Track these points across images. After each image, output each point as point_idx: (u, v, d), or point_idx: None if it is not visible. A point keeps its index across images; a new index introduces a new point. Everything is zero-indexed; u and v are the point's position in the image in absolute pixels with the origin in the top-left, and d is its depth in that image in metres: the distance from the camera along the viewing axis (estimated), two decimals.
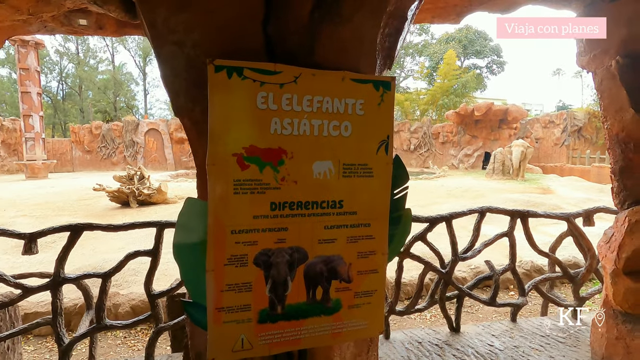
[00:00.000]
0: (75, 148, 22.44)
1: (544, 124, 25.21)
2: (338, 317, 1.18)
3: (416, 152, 25.51)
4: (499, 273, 2.90)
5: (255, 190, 1.04)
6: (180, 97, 1.09)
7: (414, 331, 2.92)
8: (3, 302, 2.34)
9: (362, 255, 1.18)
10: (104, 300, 2.41)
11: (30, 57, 17.06)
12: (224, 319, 1.05)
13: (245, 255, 1.05)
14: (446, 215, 2.78)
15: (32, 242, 2.30)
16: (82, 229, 2.37)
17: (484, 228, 2.97)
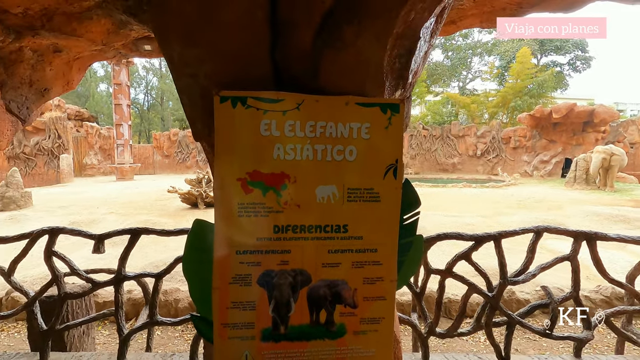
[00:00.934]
0: (156, 153, 25.06)
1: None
2: (343, 342, 1.16)
3: (483, 158, 23.81)
4: (558, 301, 2.59)
5: (258, 214, 1.08)
6: (197, 124, 1.18)
7: (456, 356, 2.73)
8: (77, 293, 2.70)
9: (368, 281, 1.16)
10: (156, 298, 2.66)
11: (122, 73, 19.54)
12: (229, 335, 1.11)
13: (250, 275, 1.10)
14: (494, 233, 2.57)
15: (100, 242, 2.63)
16: (140, 232, 2.64)
17: (552, 244, 2.68)
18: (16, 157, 19.13)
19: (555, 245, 5.57)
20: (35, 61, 2.44)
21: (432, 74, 30.88)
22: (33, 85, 2.53)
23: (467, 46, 31.79)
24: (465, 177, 21.83)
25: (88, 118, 24.14)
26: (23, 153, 19.25)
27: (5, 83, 2.33)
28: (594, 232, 2.56)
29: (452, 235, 2.55)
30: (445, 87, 32.72)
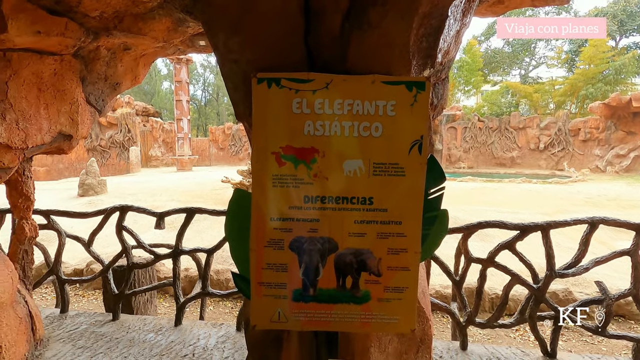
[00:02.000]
0: (212, 146, 26.62)
1: None
2: (367, 308, 1.24)
3: (547, 152, 21.94)
4: (614, 298, 2.41)
5: (290, 185, 1.19)
6: (240, 106, 1.32)
7: (497, 348, 2.67)
8: (142, 264, 3.06)
9: (392, 252, 1.22)
10: (208, 272, 2.93)
11: (183, 71, 20.95)
12: (264, 293, 1.25)
13: (282, 240, 1.22)
14: (542, 223, 2.46)
15: (161, 219, 2.95)
16: (194, 212, 2.92)
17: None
18: (94, 149, 21.46)
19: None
20: (109, 58, 2.79)
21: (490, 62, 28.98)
22: (107, 80, 2.89)
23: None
24: (525, 172, 20.31)
25: (153, 113, 26.26)
26: (99, 145, 21.52)
27: (85, 78, 2.69)
28: None
29: (494, 224, 2.49)
30: (504, 76, 30.55)
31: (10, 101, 2.22)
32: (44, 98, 2.43)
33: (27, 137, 2.32)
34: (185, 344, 2.69)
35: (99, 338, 2.75)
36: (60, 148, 2.73)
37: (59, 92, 2.52)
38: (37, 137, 2.40)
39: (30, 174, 2.78)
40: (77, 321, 3.02)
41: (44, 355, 2.50)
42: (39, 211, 3.02)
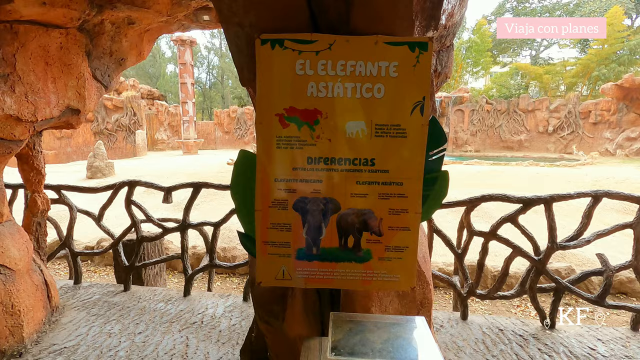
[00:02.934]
0: (217, 129, 26.61)
1: None
2: (368, 266, 1.29)
3: (555, 135, 21.59)
4: (614, 269, 2.44)
5: (294, 146, 1.22)
6: (244, 70, 1.34)
7: (497, 318, 2.73)
8: (151, 237, 3.14)
9: (393, 212, 1.25)
10: (214, 244, 3.01)
11: (187, 53, 20.77)
12: (269, 251, 1.29)
13: (286, 200, 1.26)
14: (545, 196, 2.48)
15: (169, 193, 3.00)
16: (201, 186, 2.97)
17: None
18: (100, 133, 21.59)
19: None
20: (114, 33, 2.79)
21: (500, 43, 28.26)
22: (112, 55, 2.91)
23: (544, 9, 28.32)
24: (532, 155, 20.07)
25: (158, 97, 26.23)
26: (106, 129, 21.64)
27: (90, 53, 2.71)
28: None
29: (497, 197, 2.51)
30: (514, 57, 29.83)
31: (19, 74, 2.25)
32: (51, 72, 2.46)
33: (37, 110, 2.36)
34: (194, 313, 2.79)
35: (111, 306, 2.86)
36: (69, 122, 2.77)
37: (65, 66, 2.54)
38: (46, 111, 2.44)
39: (41, 149, 2.84)
40: (90, 291, 3.13)
41: (60, 321, 2.61)
42: (50, 186, 3.09)
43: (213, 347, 2.35)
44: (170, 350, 2.31)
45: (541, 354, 2.27)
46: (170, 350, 2.31)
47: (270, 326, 1.44)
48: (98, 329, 2.55)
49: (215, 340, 2.43)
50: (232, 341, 2.41)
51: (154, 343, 2.39)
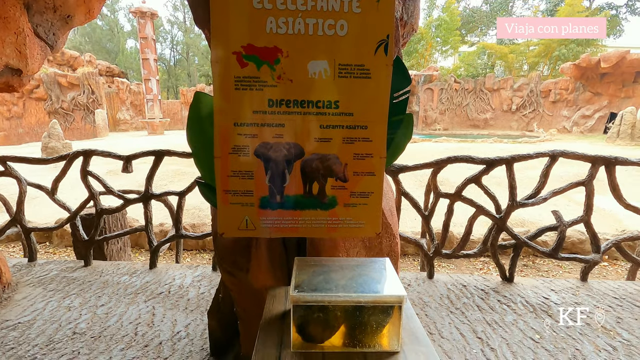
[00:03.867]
0: (184, 108, 25.56)
1: None
2: (334, 213, 1.27)
3: (518, 113, 22.51)
4: (567, 224, 2.59)
5: (253, 87, 1.15)
6: (199, 9, 1.24)
7: (461, 276, 2.85)
8: (112, 209, 2.99)
9: (358, 157, 1.23)
10: (180, 214, 2.90)
11: (148, 27, 19.52)
12: (230, 201, 1.24)
13: (247, 146, 1.20)
14: (506, 157, 2.56)
15: (128, 162, 2.84)
16: (163, 154, 2.83)
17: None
18: (55, 112, 20.14)
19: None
20: None
21: (468, 22, 28.64)
22: (57, 11, 2.64)
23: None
24: (497, 133, 20.86)
25: (118, 74, 24.69)
26: (61, 108, 20.21)
27: (30, 6, 2.44)
28: (614, 157, 2.48)
29: (462, 158, 2.56)
30: (481, 37, 30.41)
31: None
32: None
33: None
34: (160, 284, 2.71)
35: (70, 282, 2.73)
36: (10, 84, 2.52)
37: (1, 19, 2.28)
38: None
39: None
40: (46, 268, 2.96)
41: (13, 298, 2.46)
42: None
43: (181, 315, 2.29)
44: (135, 320, 2.23)
45: (500, 305, 2.40)
46: (135, 320, 2.24)
47: (235, 278, 1.40)
48: (56, 303, 2.42)
49: (183, 308, 2.38)
50: (200, 308, 2.37)
51: (118, 314, 2.30)
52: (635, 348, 1.96)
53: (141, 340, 2.04)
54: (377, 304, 0.95)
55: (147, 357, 1.89)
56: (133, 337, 2.07)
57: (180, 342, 2.02)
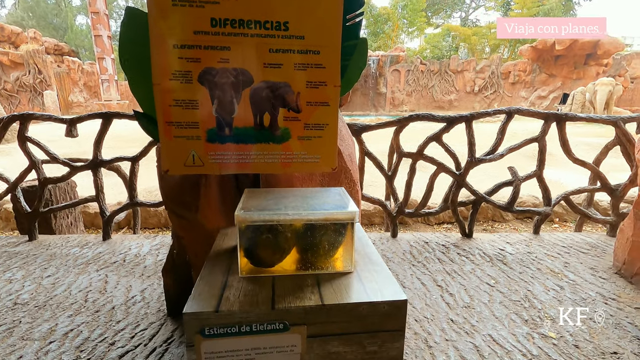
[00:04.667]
0: None
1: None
2: (287, 147, 1.21)
3: (480, 95, 23.27)
4: (522, 179, 2.70)
5: (194, 3, 1.05)
6: None
7: (423, 234, 2.91)
8: (57, 178, 2.76)
9: (311, 85, 1.17)
10: (134, 181, 2.73)
11: (99, 1, 18.08)
12: (174, 134, 1.14)
13: (190, 72, 1.10)
14: (466, 114, 2.59)
15: (72, 126, 2.62)
16: (112, 116, 2.63)
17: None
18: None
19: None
20: None
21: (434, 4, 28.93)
22: None
23: None
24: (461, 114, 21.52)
25: (68, 52, 22.89)
26: (4, 89, 18.53)
27: None
28: (564, 113, 2.58)
29: (424, 116, 2.57)
30: (446, 19, 30.90)
31: None
32: None
33: None
34: (115, 254, 2.56)
35: (12, 256, 2.51)
36: None
37: None
38: None
39: None
40: None
41: None
42: None
43: (136, 281, 2.18)
44: (86, 288, 2.09)
45: (460, 257, 2.48)
46: (85, 288, 2.10)
47: (185, 220, 1.32)
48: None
49: (139, 275, 2.26)
50: (158, 274, 2.26)
51: (66, 284, 2.15)
52: (580, 287, 2.09)
53: (92, 306, 1.91)
54: (328, 222, 0.91)
55: (97, 322, 1.77)
56: (83, 304, 1.94)
57: (135, 305, 1.92)
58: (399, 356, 0.84)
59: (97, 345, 1.61)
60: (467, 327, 1.73)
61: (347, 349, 0.82)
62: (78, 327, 1.73)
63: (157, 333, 1.69)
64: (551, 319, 1.79)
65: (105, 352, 1.56)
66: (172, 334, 1.68)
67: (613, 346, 1.60)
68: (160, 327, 1.73)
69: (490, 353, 1.56)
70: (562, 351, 1.57)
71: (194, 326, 0.76)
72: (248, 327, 0.77)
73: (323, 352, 0.81)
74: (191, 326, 0.75)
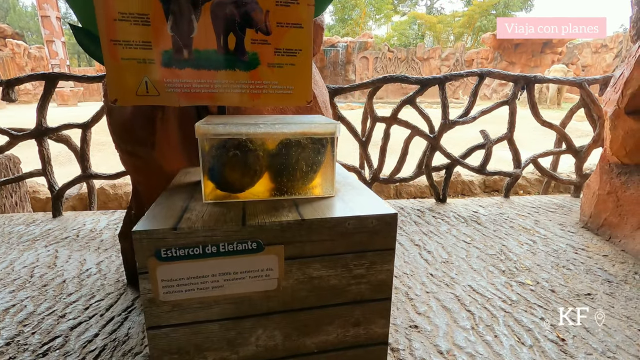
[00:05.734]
0: None
1: (594, 48, 22.51)
2: (256, 75, 1.08)
3: None
4: (493, 141, 2.71)
5: None
6: None
7: (399, 201, 2.87)
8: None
9: (281, 3, 1.04)
10: (86, 150, 2.48)
11: None
12: (122, 55, 0.98)
13: None
14: (439, 76, 2.55)
15: (10, 88, 2.32)
16: (57, 77, 2.36)
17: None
18: None
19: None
20: None
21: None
22: None
23: None
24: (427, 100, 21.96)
25: (12, 35, 20.92)
26: None
27: None
28: (534, 75, 2.60)
29: (398, 78, 2.50)
30: (412, 7, 31.24)
31: None
32: None
33: None
34: (67, 230, 2.31)
35: None
36: None
37: None
38: None
39: None
40: None
41: None
42: None
43: (91, 255, 1.97)
44: (32, 264, 1.86)
45: (435, 219, 2.46)
46: (31, 264, 1.86)
47: (139, 159, 1.15)
48: None
49: (94, 249, 2.05)
50: (116, 247, 2.06)
51: (8, 260, 1.90)
52: (551, 240, 2.13)
53: (38, 281, 1.70)
54: (306, 137, 0.80)
55: (45, 296, 1.57)
56: (27, 279, 1.72)
57: (90, 278, 1.73)
58: (388, 280, 0.75)
59: (44, 318, 1.42)
60: (447, 280, 1.70)
61: (331, 272, 0.72)
62: (21, 302, 1.52)
63: (116, 303, 1.52)
64: (527, 269, 1.80)
65: (54, 325, 1.37)
66: (132, 303, 1.52)
67: (586, 289, 1.63)
68: (119, 297, 1.56)
69: (471, 301, 1.53)
70: (540, 296, 1.57)
71: (147, 248, 0.62)
72: (214, 248, 0.65)
73: (303, 277, 0.71)
74: (143, 248, 0.62)
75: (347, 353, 0.78)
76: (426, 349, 1.26)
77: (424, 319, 1.42)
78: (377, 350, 0.80)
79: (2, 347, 1.26)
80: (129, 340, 1.29)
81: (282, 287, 0.70)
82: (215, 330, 0.70)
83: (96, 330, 1.35)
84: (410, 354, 1.23)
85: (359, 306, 0.76)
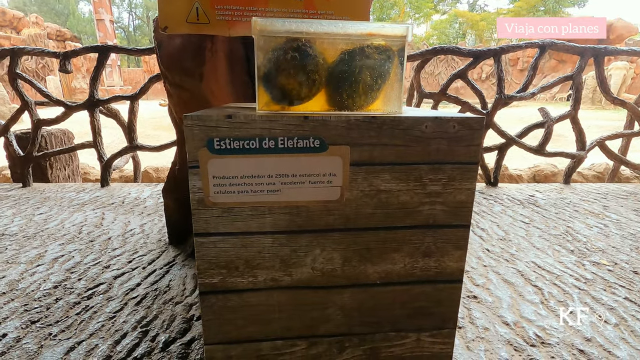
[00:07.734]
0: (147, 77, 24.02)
1: None
2: (311, 4, 1.00)
3: (488, 82, 22.81)
4: (554, 119, 2.47)
5: None
6: None
7: None
8: (51, 119, 2.57)
9: None
10: (133, 121, 2.54)
11: None
12: None
13: None
14: (495, 48, 2.36)
15: (67, 60, 2.42)
16: (109, 49, 2.43)
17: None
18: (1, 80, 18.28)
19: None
20: None
21: None
22: None
23: None
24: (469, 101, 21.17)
25: (71, 38, 22.66)
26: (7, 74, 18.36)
27: None
28: (603, 47, 2.34)
29: (449, 50, 2.35)
30: (454, 5, 30.25)
31: None
32: None
33: None
34: (113, 197, 2.38)
35: (3, 199, 2.34)
36: None
37: None
38: None
39: None
40: None
41: None
42: None
43: (135, 218, 1.99)
44: (80, 223, 1.91)
45: (487, 201, 2.27)
46: (80, 223, 1.91)
47: (185, 91, 1.11)
48: None
49: (138, 213, 2.08)
50: (159, 212, 2.08)
51: (59, 219, 1.96)
52: (625, 224, 1.88)
53: (86, 237, 1.73)
54: (373, 37, 0.70)
55: (91, 249, 1.59)
56: (76, 235, 1.75)
57: (133, 237, 1.74)
58: (468, 202, 0.64)
59: (89, 268, 1.43)
60: (506, 256, 1.53)
61: (402, 187, 0.62)
62: (70, 254, 1.55)
63: (157, 259, 1.51)
64: (600, 250, 1.59)
65: (99, 274, 1.38)
66: (173, 259, 1.50)
67: None
68: (160, 254, 1.55)
69: (537, 277, 1.36)
70: (620, 276, 1.37)
71: (199, 137, 0.56)
72: (272, 142, 0.57)
73: (370, 189, 0.61)
74: (194, 137, 0.56)
75: (414, 289, 0.68)
76: (489, 319, 1.11)
77: (483, 290, 1.27)
78: (449, 289, 0.68)
79: (50, 289, 1.27)
80: (170, 291, 1.26)
81: (345, 198, 0.61)
82: (268, 245, 0.62)
83: (138, 280, 1.33)
84: (470, 322, 1.10)
85: (432, 232, 0.65)
